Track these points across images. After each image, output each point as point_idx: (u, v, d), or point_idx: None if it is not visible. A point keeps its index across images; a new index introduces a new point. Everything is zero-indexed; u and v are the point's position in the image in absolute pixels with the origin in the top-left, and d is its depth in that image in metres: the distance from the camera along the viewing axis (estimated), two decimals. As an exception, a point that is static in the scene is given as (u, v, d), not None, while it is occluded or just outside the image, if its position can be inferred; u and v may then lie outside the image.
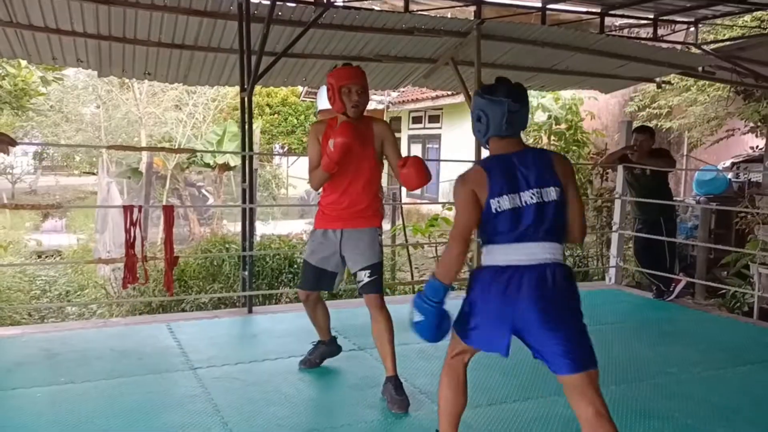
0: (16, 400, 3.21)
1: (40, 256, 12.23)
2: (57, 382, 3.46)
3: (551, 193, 2.37)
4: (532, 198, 2.36)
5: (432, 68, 6.74)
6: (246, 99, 5.01)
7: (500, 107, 2.41)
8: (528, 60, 6.87)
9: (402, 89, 15.11)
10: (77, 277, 9.86)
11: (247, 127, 5.04)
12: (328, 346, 3.83)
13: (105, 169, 14.25)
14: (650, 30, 7.22)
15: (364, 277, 3.36)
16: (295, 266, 6.69)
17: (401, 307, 5.19)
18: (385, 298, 6.07)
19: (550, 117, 8.92)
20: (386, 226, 10.82)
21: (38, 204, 16.05)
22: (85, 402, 3.22)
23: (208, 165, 14.48)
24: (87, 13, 4.98)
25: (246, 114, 5.03)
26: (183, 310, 6.20)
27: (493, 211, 2.37)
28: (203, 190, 16.75)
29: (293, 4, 5.24)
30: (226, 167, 14.72)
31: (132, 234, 4.30)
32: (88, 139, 15.13)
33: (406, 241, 7.76)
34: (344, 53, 6.17)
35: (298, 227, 14.99)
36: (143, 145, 13.76)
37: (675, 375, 3.86)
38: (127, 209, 4.32)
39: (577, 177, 8.62)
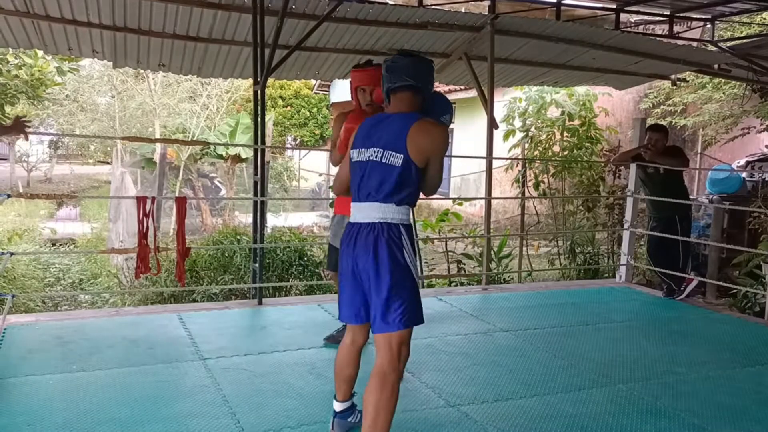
0: (29, 387, 3.26)
1: (54, 244, 12.35)
2: (69, 370, 3.51)
3: (392, 158, 2.46)
4: (372, 156, 2.50)
5: (445, 63, 6.73)
6: (259, 92, 5.02)
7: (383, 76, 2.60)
8: (542, 55, 6.85)
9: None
10: (90, 266, 9.95)
11: (259, 120, 5.05)
12: (340, 331, 3.92)
13: (119, 159, 14.35)
14: (666, 27, 7.16)
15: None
16: (305, 259, 6.72)
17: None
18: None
19: (563, 113, 8.87)
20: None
21: (52, 193, 16.21)
22: (96, 390, 3.27)
23: (220, 156, 14.55)
24: (103, 4, 5.03)
25: (259, 107, 5.04)
26: (194, 301, 6.25)
27: (351, 160, 2.60)
28: (216, 181, 16.83)
29: (308, -2, 5.25)
30: (238, 159, 14.79)
31: (145, 225, 4.34)
32: (103, 128, 15.24)
33: (416, 235, 7.76)
34: (357, 47, 6.18)
35: (309, 220, 15.06)
36: (157, 135, 13.82)
37: (683, 374, 3.85)
38: (141, 200, 4.36)
39: (589, 174, 8.72)
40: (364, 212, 2.52)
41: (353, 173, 2.59)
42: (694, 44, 7.39)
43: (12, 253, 4.24)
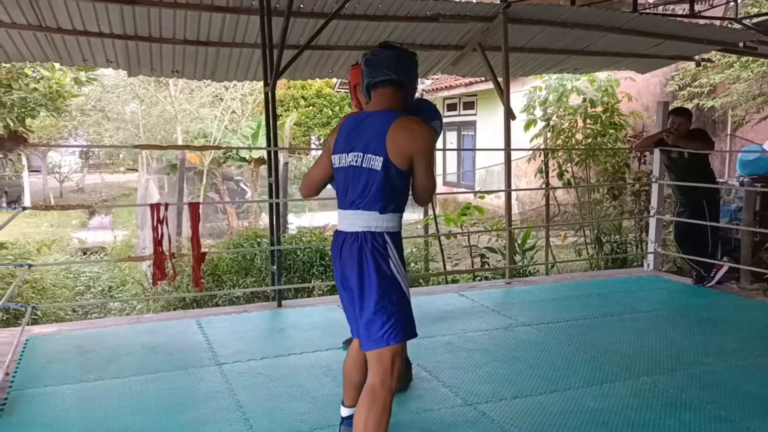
0: (46, 398, 3.29)
1: (85, 253, 12.58)
2: (86, 379, 3.53)
3: (372, 161, 2.32)
4: (353, 161, 2.38)
5: (459, 55, 6.64)
6: (270, 93, 5.00)
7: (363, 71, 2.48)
8: (558, 42, 6.70)
9: (436, 77, 15.02)
10: (119, 273, 10.10)
11: (271, 122, 5.03)
12: None
13: (145, 166, 14.54)
14: (686, 6, 6.95)
15: None
16: (327, 258, 6.69)
17: (436, 298, 5.21)
18: (419, 288, 6.09)
19: (585, 100, 8.69)
20: (419, 216, 10.83)
21: (66, 204, 16.49)
22: (112, 399, 3.28)
23: (243, 159, 14.62)
24: (112, 14, 5.05)
25: (270, 109, 5.02)
26: (216, 305, 6.27)
27: (333, 166, 2.48)
28: (241, 184, 16.94)
29: (315, -4, 5.21)
30: (261, 161, 14.84)
31: (159, 231, 4.35)
32: (128, 137, 15.46)
33: (437, 231, 7.69)
34: (369, 43, 6.12)
35: (335, 218, 15.08)
36: (179, 142, 13.96)
37: (711, 364, 3.72)
38: (154, 207, 4.37)
39: (614, 161, 8.52)
40: (349, 220, 2.39)
41: (337, 180, 2.47)
42: (717, 23, 7.15)
43: (30, 265, 4.29)
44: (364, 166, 2.33)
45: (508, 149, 6.00)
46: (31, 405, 3.20)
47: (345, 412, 2.70)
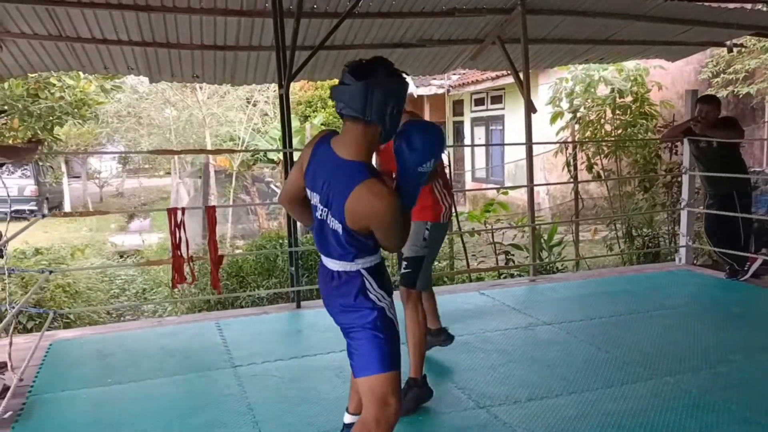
0: (63, 402, 3.34)
1: (122, 256, 12.83)
2: (104, 383, 3.57)
3: (334, 223, 2.13)
4: (319, 214, 2.20)
5: (478, 49, 6.54)
6: (284, 95, 5.00)
7: None
8: (581, 32, 6.55)
9: (462, 72, 14.87)
10: (153, 276, 10.26)
11: (286, 123, 5.03)
12: (434, 336, 3.71)
13: (177, 170, 14.76)
14: (715, -10, 6.69)
15: (402, 268, 3.35)
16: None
17: (456, 297, 5.13)
18: (443, 287, 6.01)
19: (613, 90, 8.48)
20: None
21: (86, 211, 16.85)
22: (127, 402, 3.31)
23: (272, 161, 14.72)
24: (129, 21, 5.12)
25: (285, 110, 5.02)
26: (240, 306, 6.31)
27: (308, 198, 2.28)
28: (272, 186, 17.06)
29: (326, -4, 5.19)
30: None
31: (177, 236, 4.39)
32: (161, 141, 15.73)
33: (459, 228, 7.59)
34: (386, 40, 6.09)
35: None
36: (208, 146, 14.14)
37: (737, 362, 3.58)
38: (171, 212, 4.41)
39: (644, 152, 8.28)
40: (325, 260, 2.29)
41: (314, 214, 2.28)
42: (748, 6, 6.88)
43: (51, 271, 4.37)
44: (328, 222, 2.16)
45: (529, 143, 5.89)
46: (47, 409, 3.26)
47: (347, 419, 2.66)
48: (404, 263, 3.33)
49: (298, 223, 4.92)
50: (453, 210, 3.41)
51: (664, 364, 3.62)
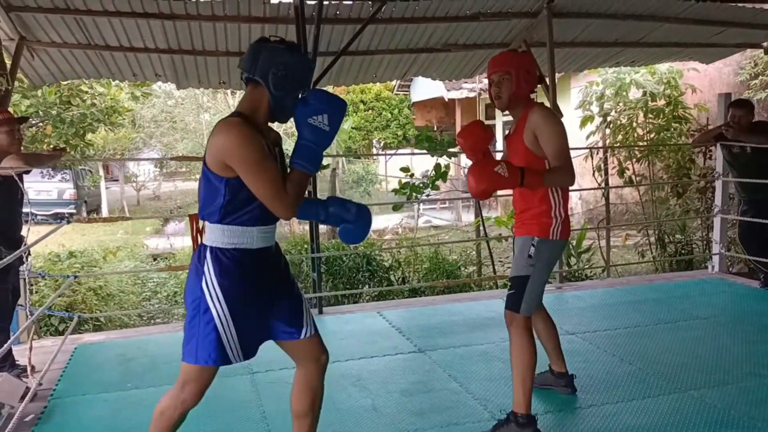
0: (82, 406, 3.39)
1: (155, 259, 13.05)
2: (124, 388, 3.62)
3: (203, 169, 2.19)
4: None
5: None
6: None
7: None
8: (610, 35, 6.42)
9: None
10: (183, 279, 10.41)
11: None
12: (556, 377, 3.38)
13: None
14: (750, -10, 6.50)
15: (507, 289, 3.04)
16: (374, 264, 6.66)
17: (477, 304, 5.08)
18: (463, 294, 5.94)
19: (645, 93, 8.30)
20: (470, 217, 10.47)
21: (109, 217, 17.20)
22: (144, 408, 3.33)
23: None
24: (155, 29, 5.19)
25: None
26: (264, 311, 6.33)
27: None
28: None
29: (350, 2, 5.19)
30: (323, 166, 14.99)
31: (199, 241, 4.42)
32: (195, 146, 16.01)
33: (486, 234, 7.50)
34: (411, 46, 6.06)
35: (395, 220, 15.03)
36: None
37: (767, 377, 3.45)
38: (192, 218, 4.45)
39: (678, 156, 8.08)
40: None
41: None
42: (786, 6, 6.67)
43: (76, 276, 4.46)
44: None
45: (555, 149, 5.77)
46: (67, 413, 3.31)
47: None
48: (510, 284, 3.00)
49: (320, 228, 4.93)
50: (569, 225, 2.97)
51: (689, 377, 3.51)
